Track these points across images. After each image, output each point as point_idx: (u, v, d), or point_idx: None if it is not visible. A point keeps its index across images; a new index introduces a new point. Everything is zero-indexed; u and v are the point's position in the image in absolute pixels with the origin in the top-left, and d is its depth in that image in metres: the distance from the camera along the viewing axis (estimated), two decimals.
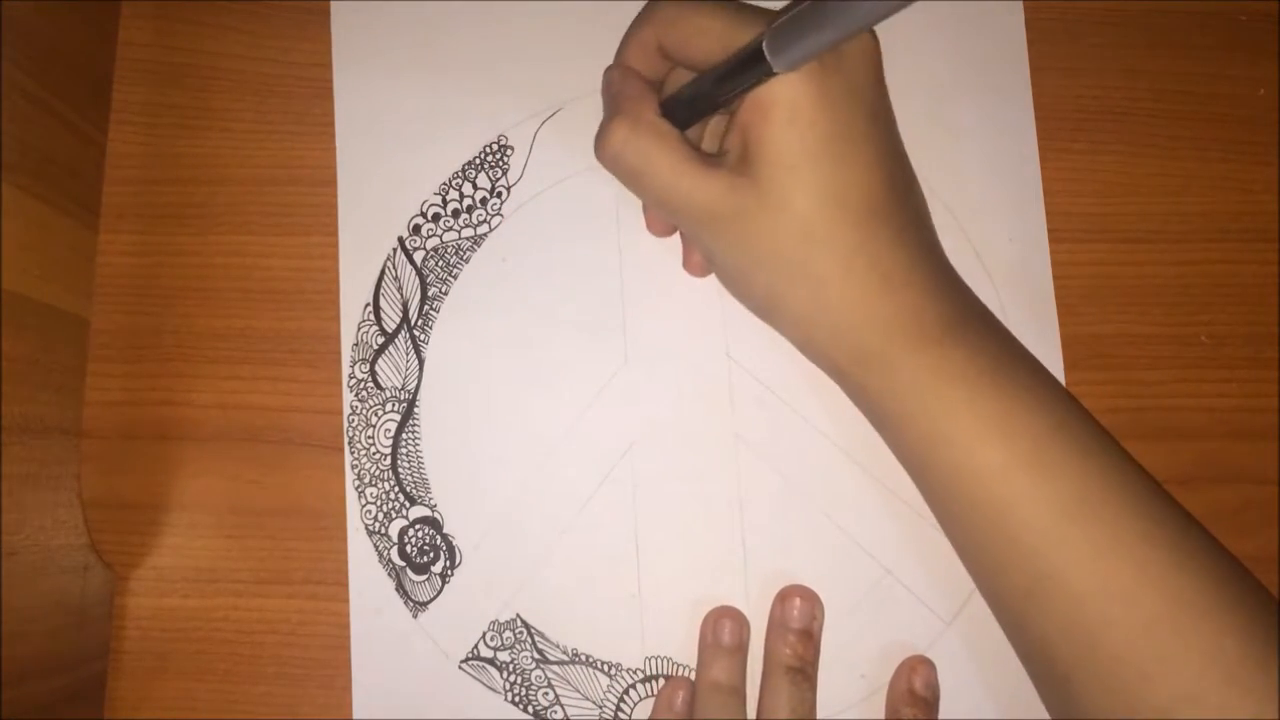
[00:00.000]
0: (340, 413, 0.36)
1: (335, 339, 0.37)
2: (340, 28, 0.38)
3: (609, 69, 0.35)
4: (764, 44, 0.28)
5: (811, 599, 0.35)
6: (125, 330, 0.37)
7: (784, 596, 0.35)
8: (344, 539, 0.36)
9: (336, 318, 0.37)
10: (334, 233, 0.37)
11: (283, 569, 0.36)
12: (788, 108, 0.29)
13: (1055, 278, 0.38)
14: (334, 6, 0.39)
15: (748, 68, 0.29)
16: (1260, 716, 0.27)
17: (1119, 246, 0.38)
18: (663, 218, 0.36)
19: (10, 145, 0.31)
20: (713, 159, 0.32)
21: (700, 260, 0.36)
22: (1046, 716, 0.33)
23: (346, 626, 0.35)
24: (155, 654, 0.35)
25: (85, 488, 0.36)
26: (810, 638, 0.34)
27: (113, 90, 0.38)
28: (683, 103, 0.32)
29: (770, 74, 0.29)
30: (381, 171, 0.38)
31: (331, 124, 0.38)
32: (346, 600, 0.35)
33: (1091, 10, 0.40)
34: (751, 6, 0.32)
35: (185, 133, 0.38)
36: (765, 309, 0.33)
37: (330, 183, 0.38)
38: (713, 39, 0.31)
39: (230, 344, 0.37)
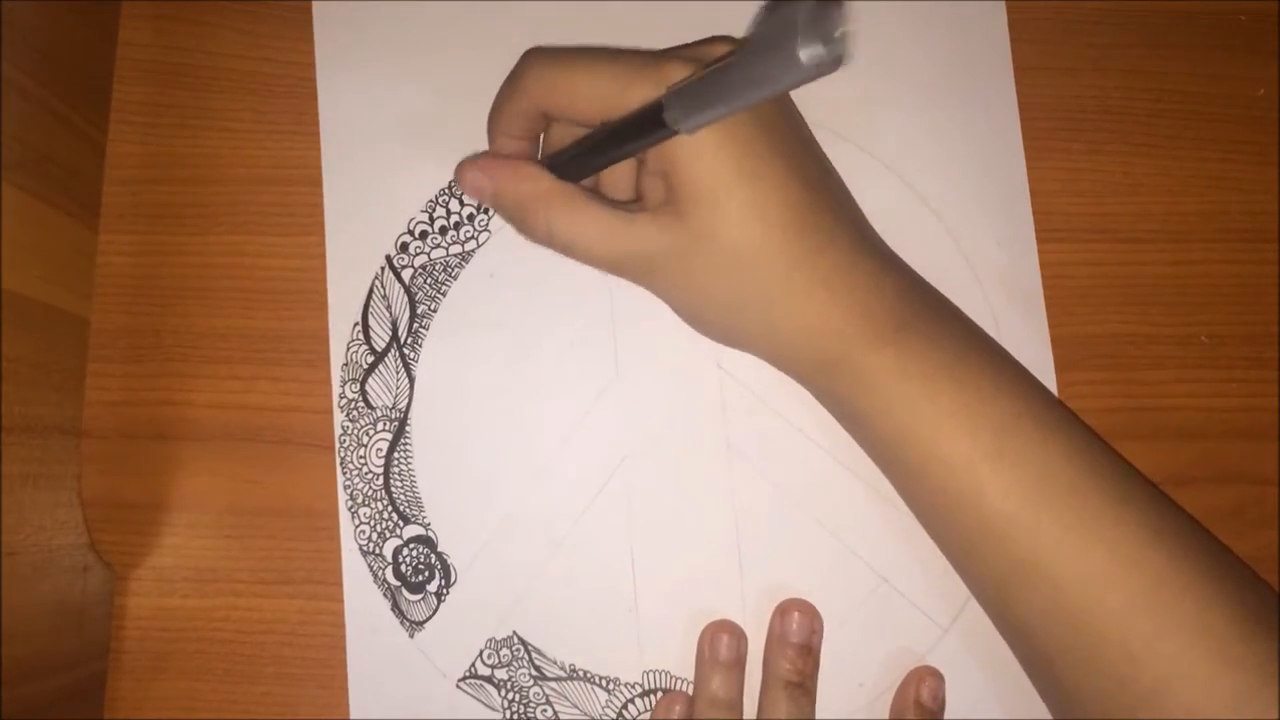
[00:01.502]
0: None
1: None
2: (324, 42, 0.38)
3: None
4: (665, 113, 0.28)
5: (810, 613, 0.35)
6: (125, 330, 0.37)
7: (783, 610, 0.35)
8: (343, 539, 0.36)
9: None
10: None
11: (283, 569, 0.36)
12: (692, 143, 0.29)
13: (1055, 279, 0.38)
14: (316, 15, 0.38)
15: (648, 129, 0.29)
16: (1250, 689, 0.27)
17: (1118, 246, 0.38)
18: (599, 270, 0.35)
19: (10, 145, 0.31)
20: (633, 206, 0.32)
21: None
22: None
23: (345, 626, 0.35)
24: (155, 654, 0.35)
25: (85, 488, 0.36)
26: (810, 652, 0.34)
27: (113, 90, 0.38)
28: (576, 159, 0.32)
29: (673, 134, 0.28)
30: (368, 190, 0.37)
31: None
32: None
33: (1090, 10, 0.40)
34: (627, 53, 0.31)
35: (185, 133, 0.38)
36: (724, 337, 0.34)
37: None
38: (598, 98, 0.31)
39: (229, 344, 0.37)
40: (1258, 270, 0.38)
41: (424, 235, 0.37)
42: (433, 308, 0.37)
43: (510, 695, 0.35)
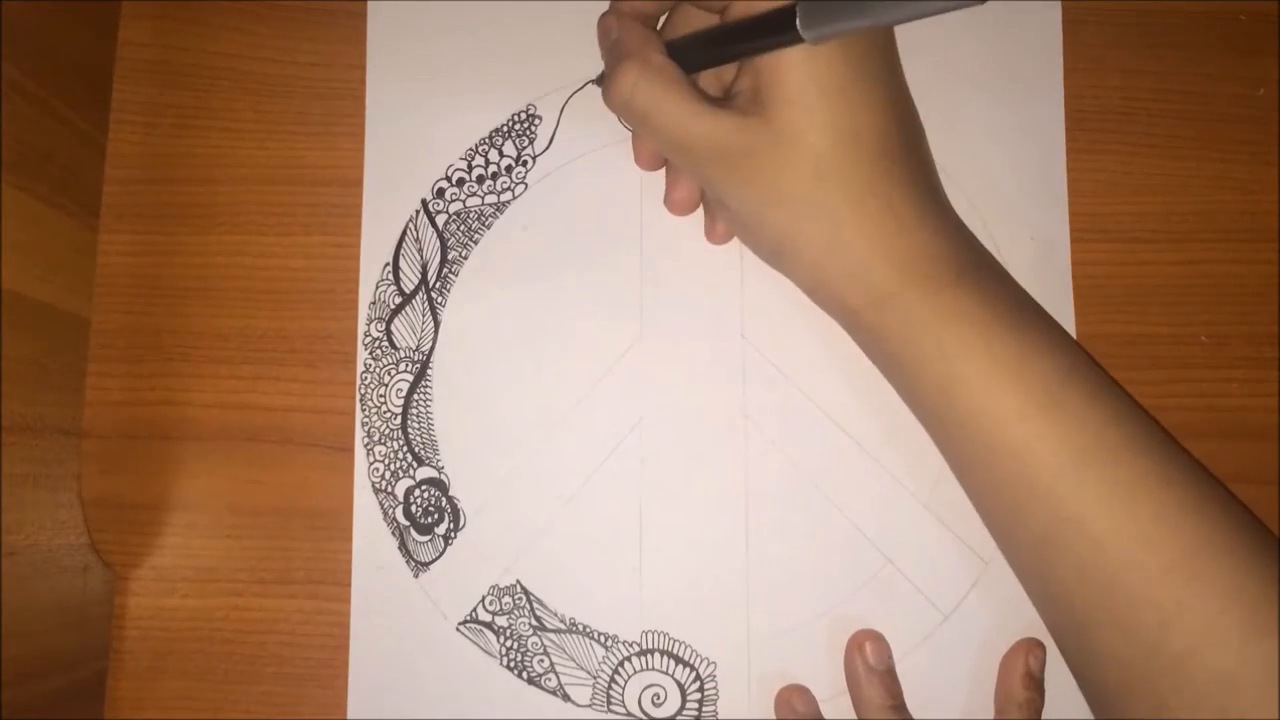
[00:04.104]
0: (342, 413, 0.36)
1: (336, 338, 0.37)
2: None
3: (605, 16, 0.35)
4: (798, 19, 0.28)
5: (880, 638, 0.35)
6: (125, 330, 0.37)
7: (857, 643, 0.35)
8: (345, 539, 0.36)
9: (337, 317, 0.37)
10: (334, 233, 0.37)
11: (283, 569, 0.36)
12: (796, 52, 0.29)
13: None
14: None
15: (773, 32, 0.29)
16: None
17: (1118, 246, 0.38)
18: (662, 154, 0.36)
19: (10, 145, 0.31)
20: (721, 100, 0.32)
21: (723, 230, 0.36)
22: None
23: (346, 626, 0.35)
24: (155, 654, 0.35)
25: (85, 488, 0.36)
26: (895, 675, 0.34)
27: (113, 90, 0.38)
28: (691, 50, 0.33)
29: (797, 41, 0.29)
30: (409, 133, 0.38)
31: (331, 124, 0.38)
32: (347, 600, 0.35)
33: (1091, 10, 0.40)
34: None
35: (185, 132, 0.38)
36: (777, 252, 0.33)
37: (330, 183, 0.38)
38: None
39: (231, 344, 0.37)
40: (1258, 270, 0.38)
41: (461, 183, 0.37)
42: (464, 255, 0.37)
43: (509, 643, 0.35)
